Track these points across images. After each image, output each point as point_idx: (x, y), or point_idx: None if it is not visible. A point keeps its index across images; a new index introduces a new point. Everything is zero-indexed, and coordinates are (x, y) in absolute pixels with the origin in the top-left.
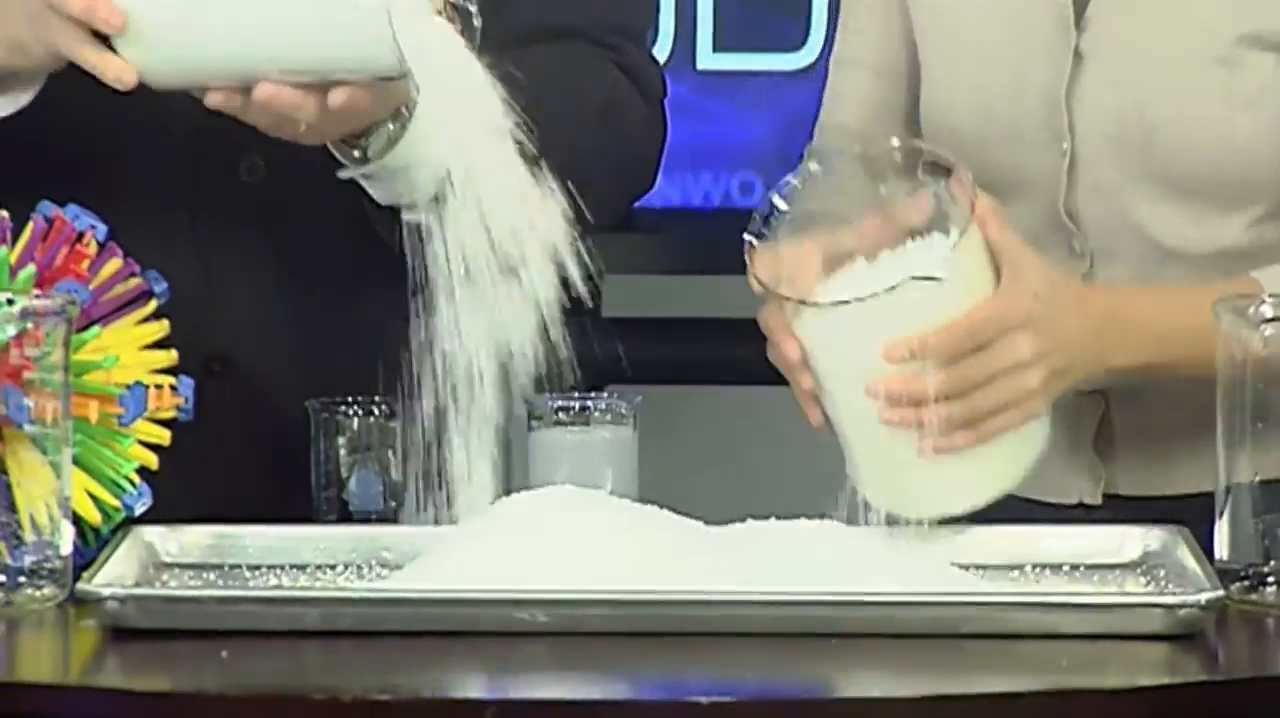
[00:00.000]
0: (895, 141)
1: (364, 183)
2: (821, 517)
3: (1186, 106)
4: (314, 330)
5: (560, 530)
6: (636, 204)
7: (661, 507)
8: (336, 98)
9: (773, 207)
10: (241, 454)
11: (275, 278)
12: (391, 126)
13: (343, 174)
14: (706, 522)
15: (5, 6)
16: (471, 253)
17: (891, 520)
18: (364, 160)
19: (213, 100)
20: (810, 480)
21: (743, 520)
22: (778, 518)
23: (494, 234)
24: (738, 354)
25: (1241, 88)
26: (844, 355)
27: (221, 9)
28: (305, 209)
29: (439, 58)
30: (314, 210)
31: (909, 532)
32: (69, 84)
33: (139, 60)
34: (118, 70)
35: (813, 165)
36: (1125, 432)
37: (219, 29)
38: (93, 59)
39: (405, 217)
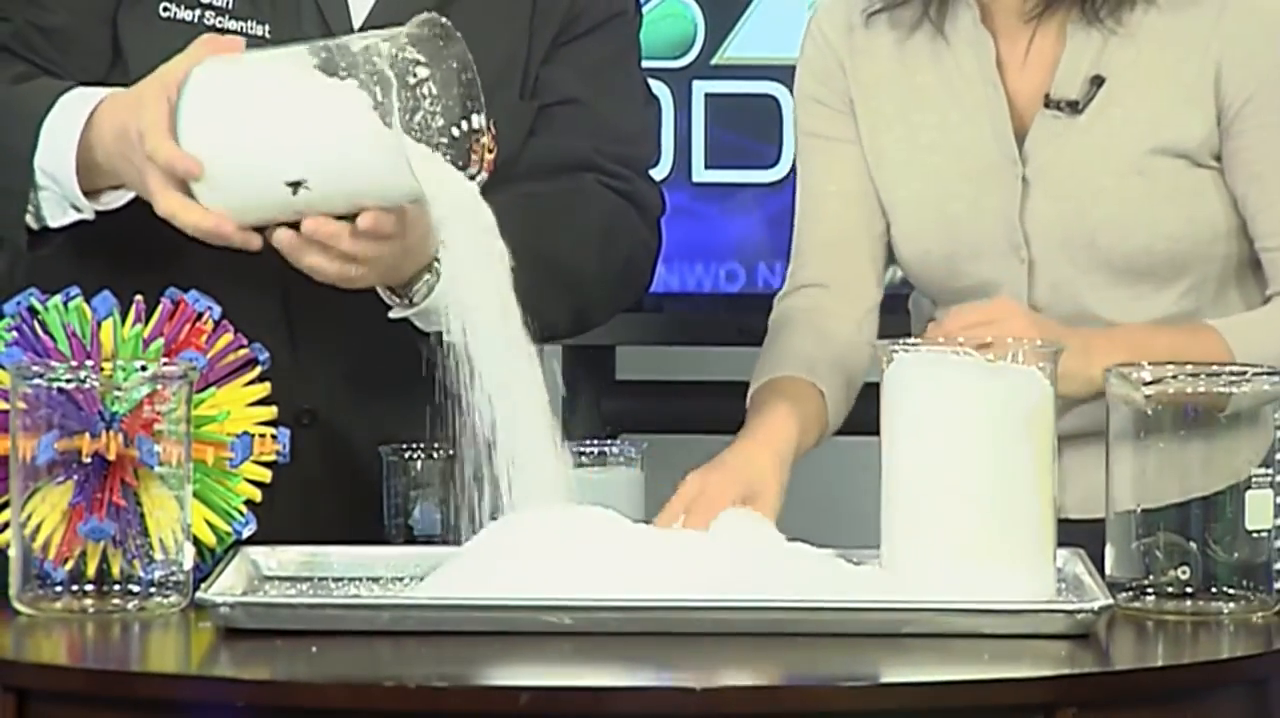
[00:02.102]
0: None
1: (411, 318)
2: (791, 540)
3: (1119, 209)
4: (382, 390)
5: (580, 543)
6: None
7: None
8: (364, 221)
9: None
10: (327, 490)
11: (351, 349)
12: (429, 277)
13: (392, 315)
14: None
15: (118, 149)
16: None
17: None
18: (410, 305)
19: (276, 240)
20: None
21: None
22: None
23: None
24: (724, 410)
25: (1160, 188)
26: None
27: (264, 156)
28: (375, 295)
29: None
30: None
31: (860, 553)
32: None
33: (214, 203)
34: (197, 218)
35: None
36: (1071, 468)
37: (263, 173)
38: (175, 207)
39: (446, 338)
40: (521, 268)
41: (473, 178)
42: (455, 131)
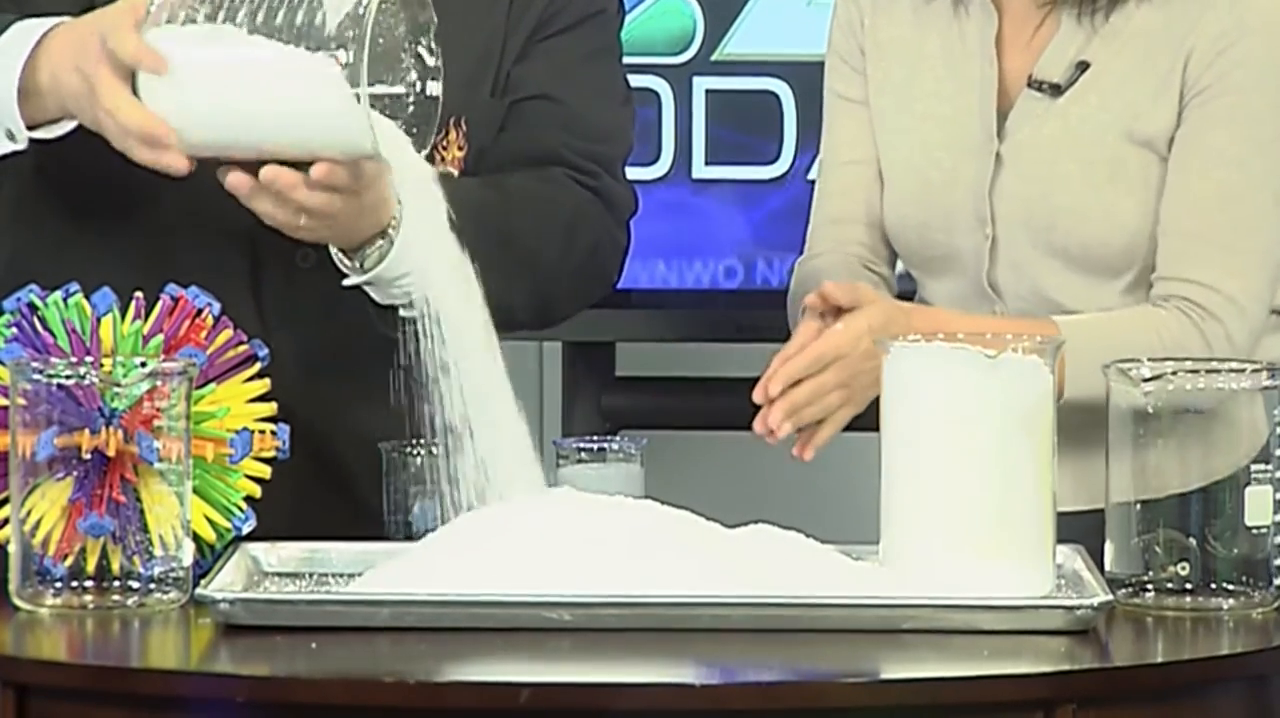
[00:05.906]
0: None
1: (366, 289)
2: (787, 528)
3: (1080, 198)
4: (357, 384)
5: (578, 531)
6: (644, 286)
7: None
8: (316, 171)
9: None
10: (317, 488)
11: (325, 344)
12: (381, 243)
13: (346, 283)
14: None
15: (68, 56)
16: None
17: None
18: (363, 271)
19: (229, 182)
20: (778, 504)
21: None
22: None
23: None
24: (723, 405)
25: (1123, 181)
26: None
27: (228, 93)
28: (347, 289)
29: (415, 183)
30: (355, 291)
31: (859, 549)
32: (174, 210)
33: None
34: (155, 123)
35: None
36: (1065, 458)
37: (221, 110)
38: (120, 102)
39: (402, 313)
40: (483, 245)
41: (419, 150)
42: (411, 97)
